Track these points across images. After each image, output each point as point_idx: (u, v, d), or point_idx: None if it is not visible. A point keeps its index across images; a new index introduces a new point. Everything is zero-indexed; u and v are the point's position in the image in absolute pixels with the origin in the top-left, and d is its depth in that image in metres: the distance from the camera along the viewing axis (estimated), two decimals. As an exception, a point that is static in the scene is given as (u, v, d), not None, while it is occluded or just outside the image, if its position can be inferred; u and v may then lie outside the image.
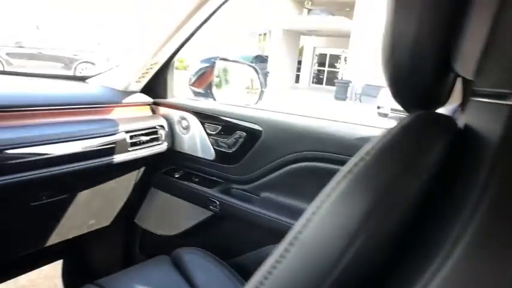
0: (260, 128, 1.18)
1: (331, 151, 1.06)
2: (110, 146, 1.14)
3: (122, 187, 1.39)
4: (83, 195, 1.24)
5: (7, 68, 10.53)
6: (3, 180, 0.89)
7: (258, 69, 1.60)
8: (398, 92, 0.43)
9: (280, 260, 0.33)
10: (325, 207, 0.32)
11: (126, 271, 1.10)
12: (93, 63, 11.66)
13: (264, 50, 20.80)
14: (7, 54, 10.68)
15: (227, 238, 1.30)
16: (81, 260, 1.63)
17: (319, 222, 0.32)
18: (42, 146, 0.98)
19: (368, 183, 0.31)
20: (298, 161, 1.12)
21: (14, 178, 0.92)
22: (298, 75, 19.97)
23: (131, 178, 1.39)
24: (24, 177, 0.94)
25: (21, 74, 1.47)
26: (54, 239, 1.28)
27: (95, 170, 1.12)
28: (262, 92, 1.59)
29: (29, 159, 0.95)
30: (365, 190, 0.31)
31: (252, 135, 1.20)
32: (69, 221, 1.27)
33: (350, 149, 1.02)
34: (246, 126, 1.22)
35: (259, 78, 1.60)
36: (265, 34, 20.70)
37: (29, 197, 1.08)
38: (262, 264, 0.35)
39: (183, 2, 1.09)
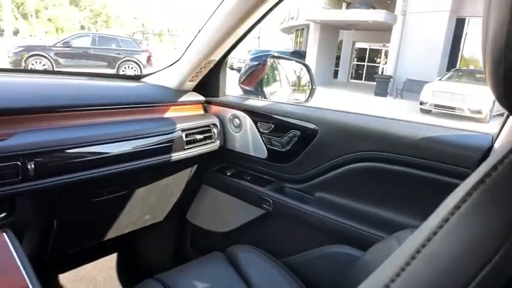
0: (315, 127, 1.16)
1: (392, 151, 1.02)
2: (167, 144, 1.17)
3: (175, 184, 1.42)
4: (140, 192, 1.27)
5: (56, 67, 11.09)
6: (68, 178, 0.93)
7: (309, 66, 1.58)
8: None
9: (399, 273, 0.31)
10: (455, 220, 0.30)
11: (183, 267, 1.12)
12: (135, 62, 12.02)
13: (301, 45, 20.60)
14: (55, 54, 11.23)
15: (280, 237, 1.30)
16: (135, 254, 1.69)
17: (447, 236, 0.30)
18: (102, 145, 1.01)
19: (506, 195, 0.29)
20: (357, 161, 1.09)
21: (78, 176, 0.95)
22: (337, 70, 19.60)
23: (184, 175, 1.42)
24: (87, 176, 0.97)
25: (79, 74, 1.53)
26: (112, 233, 1.33)
27: (152, 167, 1.15)
28: (313, 89, 1.56)
29: (90, 158, 0.98)
30: (504, 202, 0.28)
31: (307, 134, 1.18)
32: (127, 216, 1.31)
33: (413, 149, 0.98)
34: (300, 125, 1.20)
35: (310, 76, 1.57)
36: (302, 29, 20.47)
37: (92, 193, 1.12)
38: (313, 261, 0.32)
39: (240, 2, 1.09)
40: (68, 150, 0.93)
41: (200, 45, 1.24)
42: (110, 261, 1.68)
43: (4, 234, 0.83)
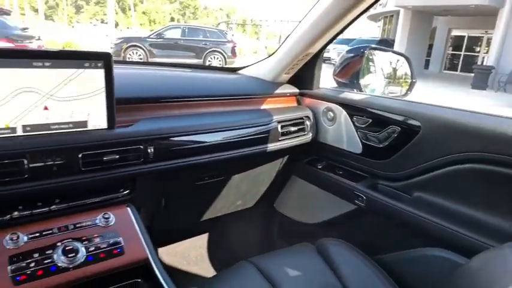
0: (418, 124, 1.10)
1: (506, 153, 0.93)
2: (264, 135, 1.21)
3: (267, 173, 1.46)
4: (235, 179, 1.34)
5: (150, 57, 12.00)
6: (178, 162, 1.02)
7: (409, 58, 1.50)
8: None
9: None
10: None
11: (274, 253, 1.17)
12: (220, 53, 12.46)
13: (389, 33, 19.46)
14: (150, 45, 12.14)
15: (372, 234, 1.27)
16: (224, 236, 1.79)
17: None
18: (206, 134, 1.09)
19: None
20: (463, 162, 1.02)
21: (186, 161, 1.04)
22: (428, 60, 18.16)
23: (275, 165, 1.46)
24: (194, 161, 1.06)
25: (184, 66, 1.65)
26: (208, 214, 1.43)
27: (247, 157, 1.20)
28: (413, 83, 1.48)
29: (196, 145, 1.06)
30: None
31: (408, 131, 1.13)
32: (222, 200, 1.39)
33: None
34: (401, 121, 1.15)
35: (410, 68, 1.49)
36: (391, 16, 19.30)
37: (195, 177, 1.21)
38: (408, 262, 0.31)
39: None
40: (178, 138, 1.02)
41: (298, 39, 1.25)
42: (202, 241, 1.81)
43: (128, 208, 0.94)
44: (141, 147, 0.93)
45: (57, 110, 0.82)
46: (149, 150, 0.94)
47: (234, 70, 1.59)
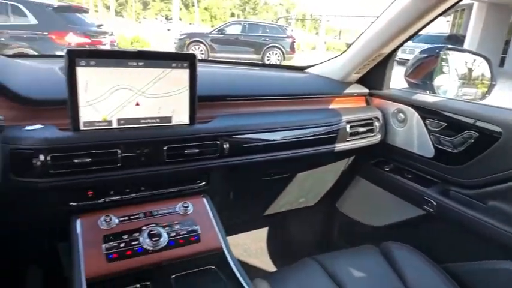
0: (499, 130, 1.04)
1: None
2: (332, 135, 1.22)
3: (331, 172, 1.47)
4: (300, 176, 1.37)
5: (210, 52, 12.34)
6: (249, 158, 1.07)
7: (490, 60, 1.41)
8: None
9: None
10: None
11: (337, 253, 1.18)
12: (279, 48, 12.46)
13: (459, 28, 18.21)
14: (211, 40, 12.47)
15: (441, 241, 1.23)
16: (284, 231, 1.83)
17: None
18: (275, 133, 1.12)
19: None
20: None
21: (256, 158, 1.08)
22: (504, 57, 16.73)
23: (340, 165, 1.46)
24: (262, 158, 1.10)
25: (250, 64, 1.69)
26: (271, 209, 1.47)
27: (314, 155, 1.22)
28: (493, 85, 1.40)
29: (263, 143, 1.10)
30: None
31: (487, 137, 1.08)
32: (286, 196, 1.42)
33: None
34: (479, 126, 1.10)
35: (491, 70, 1.41)
36: (462, 10, 18.03)
37: (262, 173, 1.26)
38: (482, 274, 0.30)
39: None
40: (251, 135, 1.06)
41: (371, 38, 1.23)
42: (261, 234, 1.86)
43: (204, 199, 1.01)
44: (218, 142, 0.99)
45: (146, 105, 0.90)
46: (225, 146, 0.99)
47: (301, 69, 1.61)
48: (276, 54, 12.54)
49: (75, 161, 0.82)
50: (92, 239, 0.84)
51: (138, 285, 0.82)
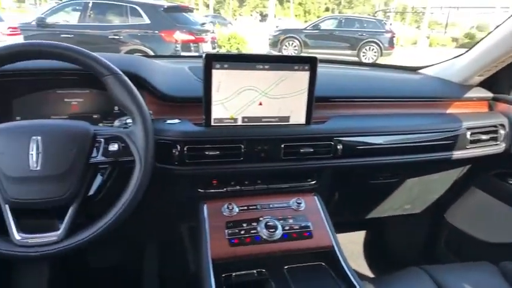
0: None
1: None
2: (450, 141, 1.15)
3: (442, 181, 1.39)
4: (408, 182, 1.32)
5: (304, 48, 12.31)
6: (360, 161, 1.07)
7: None
8: None
9: None
10: None
11: (449, 266, 1.12)
12: (376, 43, 11.92)
13: None
14: (305, 36, 12.44)
15: None
16: (383, 236, 1.78)
17: None
18: (389, 136, 1.10)
19: None
20: None
21: (367, 161, 1.08)
22: None
23: (454, 173, 1.37)
24: (373, 161, 1.09)
25: (359, 63, 1.67)
26: (374, 213, 1.44)
27: (429, 162, 1.17)
28: None
29: (377, 146, 1.08)
30: None
31: None
32: (391, 201, 1.39)
33: None
34: None
35: None
36: None
37: (370, 176, 1.25)
38: None
39: None
40: (365, 137, 1.07)
41: (505, 38, 1.13)
42: (358, 237, 1.84)
43: (315, 197, 1.05)
44: (332, 143, 1.01)
45: (268, 105, 0.96)
46: (338, 147, 1.02)
47: (414, 69, 1.54)
48: (372, 49, 12.01)
49: (207, 153, 0.92)
50: (216, 223, 0.93)
51: (254, 271, 0.89)
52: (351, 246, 1.86)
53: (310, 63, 0.95)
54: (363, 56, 11.83)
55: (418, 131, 1.13)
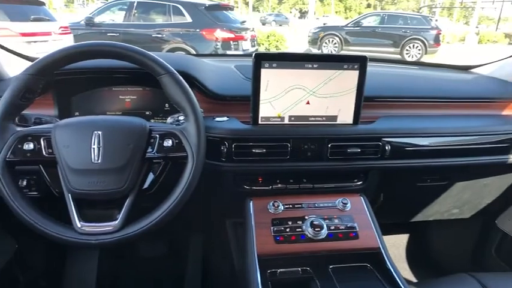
0: None
1: None
2: (504, 145, 1.10)
3: (494, 186, 1.33)
4: (457, 186, 1.27)
5: (344, 45, 12.08)
6: (408, 162, 1.05)
7: None
8: None
9: None
10: None
11: (501, 275, 1.08)
12: (421, 41, 11.48)
13: None
14: (346, 33, 12.19)
15: None
16: (428, 241, 1.73)
17: None
18: (439, 138, 1.06)
19: None
20: None
21: (415, 163, 1.05)
22: None
23: (509, 178, 1.30)
24: (423, 164, 1.06)
25: (406, 62, 1.63)
26: (419, 216, 1.40)
27: (481, 166, 1.12)
28: None
29: (427, 148, 1.05)
30: None
31: None
32: (437, 205, 1.35)
33: None
34: None
35: None
36: None
37: (417, 178, 1.21)
38: None
39: None
40: (415, 139, 1.04)
41: None
42: (401, 240, 1.79)
43: (361, 198, 1.04)
44: (380, 143, 0.99)
45: (316, 104, 0.96)
46: (386, 147, 1.00)
47: (465, 68, 1.48)
48: (416, 47, 11.57)
49: (253, 150, 0.93)
50: (263, 220, 0.95)
51: (299, 269, 0.90)
52: (395, 249, 1.81)
53: (360, 62, 0.94)
54: (406, 53, 11.42)
55: (470, 133, 1.09)
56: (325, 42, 12.31)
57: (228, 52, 6.77)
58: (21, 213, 0.73)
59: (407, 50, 11.45)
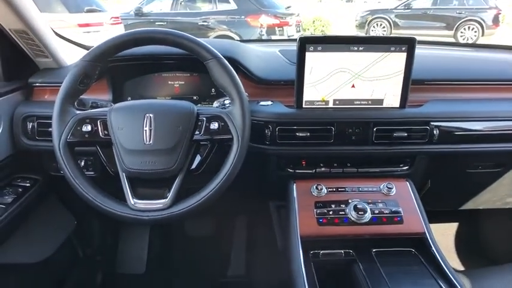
0: None
1: None
2: None
3: None
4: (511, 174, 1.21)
5: (394, 29, 11.55)
6: (459, 148, 1.01)
7: None
8: None
9: None
10: None
11: None
12: (477, 22, 10.71)
13: None
14: (395, 16, 11.65)
15: None
16: (479, 230, 1.66)
17: None
18: (491, 122, 1.02)
19: None
20: None
21: (465, 148, 1.02)
22: None
23: None
24: (473, 149, 1.02)
25: (460, 44, 1.55)
26: (469, 204, 1.35)
27: None
28: None
29: (477, 132, 1.01)
30: None
31: None
32: (489, 193, 1.29)
33: None
34: None
35: None
36: None
37: (468, 165, 1.17)
38: None
39: None
40: (465, 123, 1.00)
41: None
42: (450, 229, 1.74)
43: (407, 183, 1.02)
44: (428, 128, 0.97)
45: (361, 88, 0.95)
46: (435, 132, 0.97)
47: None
48: (472, 29, 10.81)
49: (297, 134, 0.95)
50: (306, 203, 0.96)
51: (342, 251, 0.91)
52: (440, 238, 1.76)
53: (408, 44, 0.91)
54: (461, 36, 10.71)
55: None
56: (374, 26, 11.86)
57: (273, 38, 6.74)
58: (81, 190, 0.80)
59: (461, 32, 10.72)
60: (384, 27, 11.80)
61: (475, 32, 10.75)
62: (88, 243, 1.47)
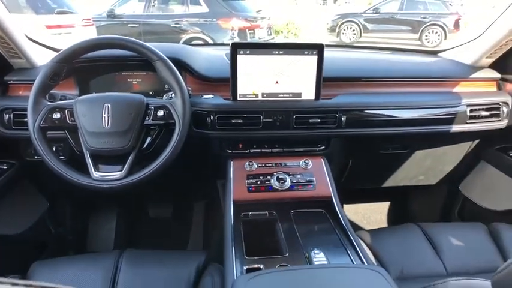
0: None
1: None
2: (449, 116, 1.29)
3: (453, 154, 1.52)
4: (418, 154, 1.48)
5: (363, 32, 11.98)
6: (365, 131, 1.26)
7: None
8: None
9: None
10: None
11: (443, 224, 1.29)
12: (440, 26, 11.27)
13: None
14: (364, 20, 12.09)
15: None
16: (404, 206, 1.94)
17: None
18: (393, 110, 1.27)
19: None
20: None
21: (372, 131, 1.27)
22: None
23: (463, 148, 1.49)
24: (378, 132, 1.27)
25: (384, 49, 1.82)
26: (389, 182, 1.62)
27: (432, 134, 1.32)
28: None
29: (382, 118, 1.26)
30: None
31: None
32: (403, 172, 1.55)
33: None
34: None
35: None
36: None
37: (379, 147, 1.42)
38: None
39: None
40: (368, 111, 1.25)
41: (507, 22, 1.23)
42: (382, 207, 2.01)
43: (322, 159, 1.26)
44: (337, 115, 1.21)
45: (283, 83, 1.19)
46: (342, 118, 1.22)
47: (435, 53, 1.66)
48: (436, 32, 11.38)
49: (233, 121, 1.17)
50: (239, 176, 1.19)
51: (266, 212, 1.14)
52: (376, 215, 2.03)
53: (318, 49, 1.15)
54: (426, 39, 11.25)
55: (421, 106, 1.28)
56: (344, 29, 12.24)
57: (243, 41, 6.93)
58: (52, 164, 0.99)
59: (426, 36, 11.28)
60: (353, 30, 12.20)
61: (439, 35, 11.31)
62: (60, 224, 1.64)
